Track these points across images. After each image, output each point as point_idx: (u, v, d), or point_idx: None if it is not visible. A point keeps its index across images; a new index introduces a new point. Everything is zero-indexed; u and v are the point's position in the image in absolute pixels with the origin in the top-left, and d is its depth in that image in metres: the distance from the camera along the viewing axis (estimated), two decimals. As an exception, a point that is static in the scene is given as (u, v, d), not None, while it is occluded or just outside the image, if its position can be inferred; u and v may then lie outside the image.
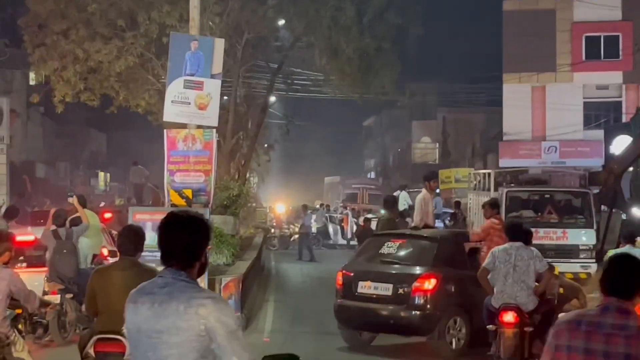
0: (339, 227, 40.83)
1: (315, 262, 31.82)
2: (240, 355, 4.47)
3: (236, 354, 4.46)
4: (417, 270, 14.11)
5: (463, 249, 14.29)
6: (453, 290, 13.77)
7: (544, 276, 11.72)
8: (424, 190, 17.37)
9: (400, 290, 13.86)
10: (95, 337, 7.63)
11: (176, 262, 4.67)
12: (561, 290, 13.38)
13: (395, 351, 14.57)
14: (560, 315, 5.74)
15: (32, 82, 50.37)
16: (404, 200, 38.16)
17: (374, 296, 14.16)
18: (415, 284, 13.74)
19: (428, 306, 13.69)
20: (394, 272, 14.35)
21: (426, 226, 16.70)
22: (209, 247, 4.90)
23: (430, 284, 13.74)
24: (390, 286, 14.00)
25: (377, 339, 15.09)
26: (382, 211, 19.89)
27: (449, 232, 15.58)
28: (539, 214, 21.84)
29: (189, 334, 4.46)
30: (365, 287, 14.28)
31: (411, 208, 36.73)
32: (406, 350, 14.49)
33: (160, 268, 4.77)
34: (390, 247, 14.89)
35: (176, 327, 4.48)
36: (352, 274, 14.71)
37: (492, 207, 15.26)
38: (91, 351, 7.55)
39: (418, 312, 13.68)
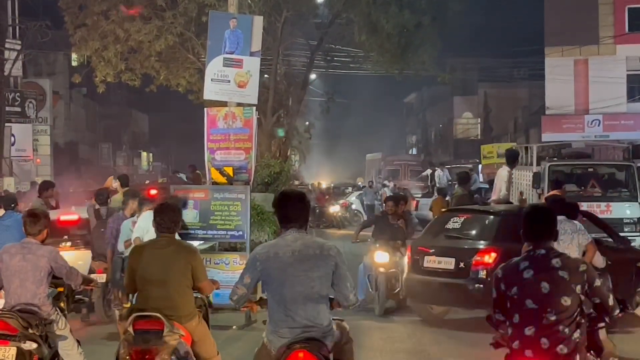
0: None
1: None
2: (350, 280, 6.74)
3: (349, 280, 6.71)
4: (478, 244, 14.30)
5: None
6: None
7: (588, 249, 11.62)
8: (504, 167, 17.82)
9: (462, 264, 14.07)
10: (134, 315, 7.66)
11: (296, 224, 6.66)
12: None
13: (465, 325, 14.58)
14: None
15: (74, 64, 50.72)
16: (440, 177, 38.04)
17: (439, 270, 14.40)
18: (476, 258, 13.94)
19: (488, 280, 13.77)
20: (456, 246, 14.57)
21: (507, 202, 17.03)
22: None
23: (490, 258, 13.85)
24: (453, 260, 14.23)
25: (449, 313, 15.29)
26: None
27: (514, 207, 15.52)
28: (582, 187, 21.63)
29: (326, 268, 6.55)
30: (431, 262, 14.52)
31: (449, 184, 36.66)
32: (478, 324, 14.46)
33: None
34: (455, 223, 15.08)
35: (317, 265, 6.53)
36: (419, 249, 14.99)
37: (554, 183, 15.21)
38: (130, 329, 7.59)
39: (478, 286, 13.80)
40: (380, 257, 16.10)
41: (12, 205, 14.63)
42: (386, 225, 16.78)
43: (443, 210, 17.61)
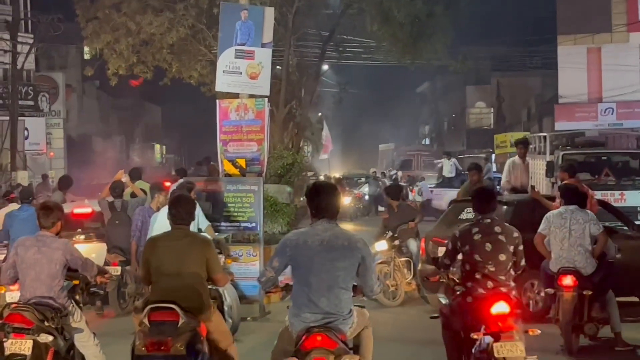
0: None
1: None
2: (375, 272, 7.24)
3: (374, 272, 7.15)
4: None
5: (542, 213, 13.94)
6: (529, 254, 13.58)
7: (599, 239, 11.57)
8: (516, 156, 17.86)
9: None
10: (149, 307, 7.69)
11: (327, 214, 6.97)
12: None
13: None
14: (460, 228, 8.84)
15: (86, 57, 50.84)
16: (451, 167, 37.97)
17: None
18: None
19: None
20: None
21: (517, 190, 16.98)
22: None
23: None
24: None
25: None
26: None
27: (526, 196, 15.44)
28: (596, 176, 21.57)
29: (352, 260, 6.86)
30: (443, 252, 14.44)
31: (459, 174, 36.61)
32: None
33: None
34: (468, 213, 14.92)
35: (344, 256, 6.83)
36: (432, 239, 14.94)
37: (566, 171, 15.11)
38: (146, 320, 7.62)
39: None
40: (379, 246, 16.08)
41: (29, 199, 14.73)
42: (392, 214, 16.75)
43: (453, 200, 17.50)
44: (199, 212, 13.15)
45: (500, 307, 8.16)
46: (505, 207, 14.89)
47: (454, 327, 8.54)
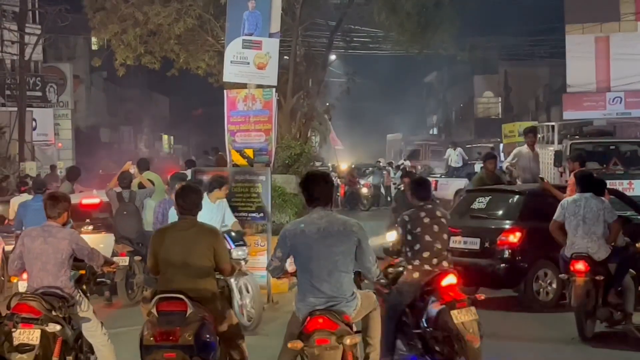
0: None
1: None
2: (372, 254, 7.39)
3: (371, 254, 7.36)
4: (503, 224, 14.37)
5: (553, 202, 13.93)
6: (541, 243, 13.64)
7: (613, 227, 11.61)
8: (524, 145, 17.90)
9: (487, 244, 14.16)
10: (157, 297, 7.70)
11: (322, 202, 7.28)
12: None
13: (496, 303, 14.61)
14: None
15: (94, 47, 50.89)
16: (457, 156, 37.90)
17: (464, 250, 14.40)
18: (501, 238, 14.02)
19: (513, 260, 13.89)
20: (481, 226, 14.62)
21: (526, 181, 17.16)
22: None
23: (515, 237, 13.95)
24: (478, 240, 14.30)
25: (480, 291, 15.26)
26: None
27: (538, 186, 15.47)
28: (604, 165, 21.52)
29: (349, 244, 7.16)
30: (457, 242, 14.41)
31: (465, 164, 36.54)
32: (509, 302, 14.48)
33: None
34: (480, 202, 15.15)
35: (340, 241, 7.13)
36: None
37: (575, 160, 15.13)
38: (154, 310, 7.63)
39: (503, 266, 13.91)
40: (390, 236, 16.05)
41: (42, 189, 14.80)
42: (405, 203, 16.64)
43: (467, 189, 17.54)
44: (225, 207, 13.23)
45: (449, 280, 9.08)
46: (517, 196, 14.93)
47: (398, 304, 9.24)
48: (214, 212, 12.75)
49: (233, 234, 12.62)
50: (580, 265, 11.30)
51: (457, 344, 8.70)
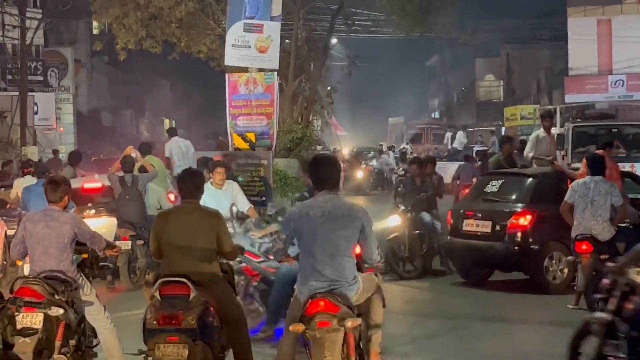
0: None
1: None
2: (374, 240, 7.35)
3: (373, 240, 7.32)
4: (514, 207, 14.42)
5: (564, 186, 13.93)
6: (552, 226, 13.67)
7: (619, 211, 11.76)
8: (541, 129, 17.80)
9: (498, 227, 14.22)
10: (160, 281, 7.71)
11: (327, 186, 7.27)
12: None
13: (508, 286, 14.72)
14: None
15: (95, 31, 50.79)
16: (463, 139, 37.89)
17: (477, 233, 14.53)
18: (511, 221, 14.07)
19: (524, 243, 13.94)
20: (493, 209, 14.69)
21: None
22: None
23: (525, 220, 14.00)
24: (489, 223, 14.39)
25: (494, 275, 15.37)
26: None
27: (550, 170, 15.52)
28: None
29: (352, 228, 7.14)
30: (469, 225, 14.69)
31: (466, 147, 36.50)
32: (521, 285, 14.50)
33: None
34: (493, 186, 15.21)
35: (344, 225, 7.11)
36: (458, 212, 15.20)
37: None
38: (157, 294, 7.64)
39: (514, 248, 13.97)
40: (392, 221, 16.03)
41: (46, 173, 14.81)
42: (414, 189, 16.56)
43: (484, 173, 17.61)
44: (237, 192, 12.98)
45: None
46: (529, 179, 14.96)
47: None
48: (221, 198, 12.28)
49: (257, 245, 11.34)
50: (584, 246, 11.44)
51: None
